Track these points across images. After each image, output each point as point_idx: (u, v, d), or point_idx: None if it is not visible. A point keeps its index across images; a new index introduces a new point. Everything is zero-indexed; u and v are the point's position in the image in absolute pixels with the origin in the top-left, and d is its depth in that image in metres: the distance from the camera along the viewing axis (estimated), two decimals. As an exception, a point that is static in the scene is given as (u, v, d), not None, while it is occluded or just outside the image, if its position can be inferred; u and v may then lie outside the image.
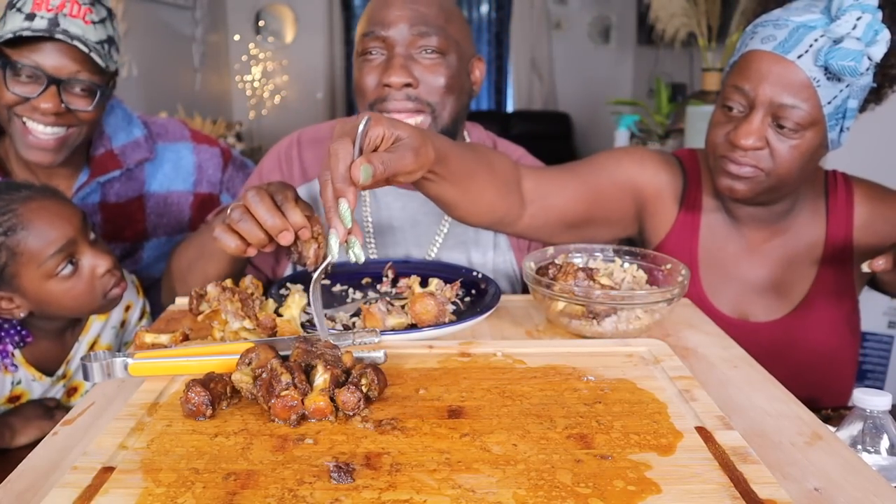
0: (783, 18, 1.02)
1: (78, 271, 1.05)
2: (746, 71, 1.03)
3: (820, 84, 0.98)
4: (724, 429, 0.63)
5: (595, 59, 6.00)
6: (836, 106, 1.00)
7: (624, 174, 1.18)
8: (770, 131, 1.01)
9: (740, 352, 0.87)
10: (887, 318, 2.23)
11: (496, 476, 0.56)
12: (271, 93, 5.80)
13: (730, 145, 1.04)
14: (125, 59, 3.72)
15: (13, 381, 1.12)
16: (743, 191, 1.06)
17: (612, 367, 0.77)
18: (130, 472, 0.57)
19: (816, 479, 0.60)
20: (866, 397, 0.76)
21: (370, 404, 0.68)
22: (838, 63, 0.95)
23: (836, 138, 1.05)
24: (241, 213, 0.88)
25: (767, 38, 1.02)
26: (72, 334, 1.17)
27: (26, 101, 1.17)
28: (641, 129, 3.73)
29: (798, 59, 0.98)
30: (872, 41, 0.95)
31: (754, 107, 1.01)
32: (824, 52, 0.97)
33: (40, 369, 1.13)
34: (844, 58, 0.95)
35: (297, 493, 0.54)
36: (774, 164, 1.03)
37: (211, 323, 0.85)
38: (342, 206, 0.72)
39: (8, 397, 1.12)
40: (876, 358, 2.25)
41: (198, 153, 1.46)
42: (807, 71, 0.98)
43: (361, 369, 0.68)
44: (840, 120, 1.03)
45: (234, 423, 0.64)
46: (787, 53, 0.99)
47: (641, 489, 0.54)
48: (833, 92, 0.99)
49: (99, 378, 0.73)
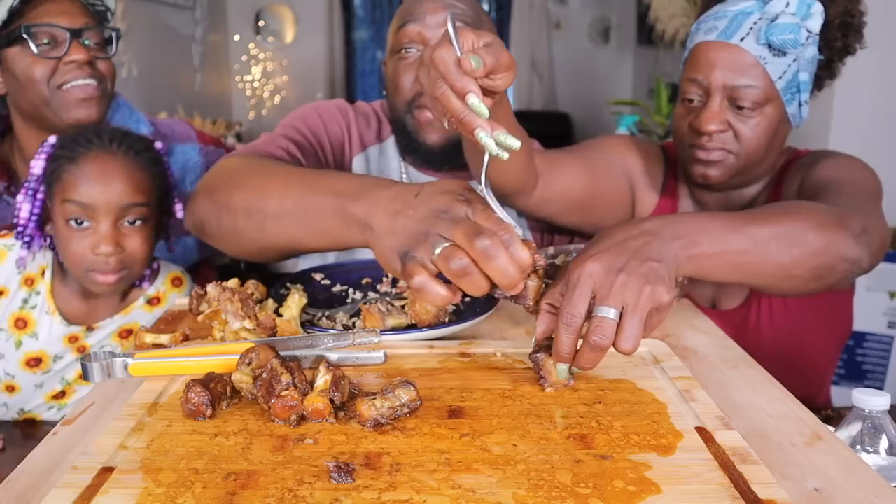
0: (721, 10, 1.10)
1: (82, 234, 1.06)
2: (697, 63, 1.09)
3: (767, 61, 1.05)
4: (724, 429, 0.63)
5: (595, 59, 5.99)
6: (788, 80, 1.07)
7: (615, 157, 1.23)
8: (730, 114, 1.08)
9: (740, 352, 0.87)
10: (887, 318, 2.23)
11: (496, 476, 0.56)
12: (271, 93, 5.80)
13: (695, 133, 1.10)
14: (125, 58, 3.71)
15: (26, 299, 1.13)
16: (716, 175, 1.11)
17: (612, 367, 0.77)
18: (130, 472, 0.57)
19: (816, 479, 0.60)
20: (865, 397, 0.76)
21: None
22: (779, 38, 1.03)
23: (796, 112, 1.11)
24: (461, 261, 0.64)
25: (710, 30, 1.09)
26: (105, 307, 1.16)
27: (58, 64, 1.20)
28: (641, 129, 3.73)
29: (741, 42, 1.05)
30: (807, 15, 1.03)
31: (710, 94, 1.08)
32: (764, 30, 1.04)
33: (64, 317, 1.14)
34: (783, 32, 1.02)
35: (297, 493, 0.54)
36: (741, 145, 1.08)
37: (211, 323, 0.86)
38: (472, 100, 0.65)
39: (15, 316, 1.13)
40: (876, 358, 2.25)
41: (205, 154, 1.46)
42: (752, 51, 1.05)
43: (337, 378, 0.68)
44: (795, 94, 1.09)
45: (234, 423, 0.64)
46: (731, 38, 1.06)
47: (641, 489, 0.54)
48: (781, 67, 1.06)
49: (99, 378, 0.73)
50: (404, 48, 1.13)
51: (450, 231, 0.66)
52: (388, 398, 0.64)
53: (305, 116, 1.22)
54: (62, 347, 1.14)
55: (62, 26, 1.19)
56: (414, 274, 0.66)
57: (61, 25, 1.19)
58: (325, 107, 1.25)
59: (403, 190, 0.74)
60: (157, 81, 4.20)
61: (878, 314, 2.23)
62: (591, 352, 0.69)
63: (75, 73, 1.21)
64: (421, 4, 1.13)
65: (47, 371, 1.14)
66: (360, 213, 0.76)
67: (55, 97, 1.21)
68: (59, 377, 1.16)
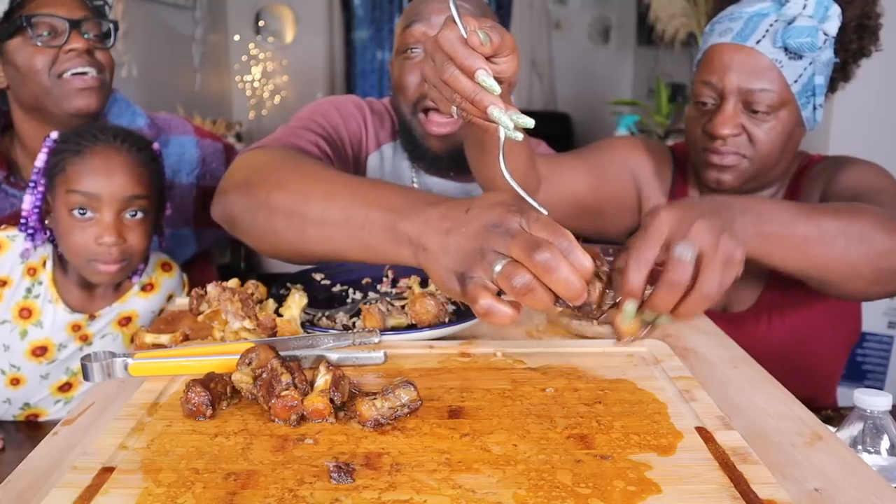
0: (737, 12, 1.07)
1: (85, 225, 1.08)
2: (711, 65, 1.07)
3: (783, 64, 1.03)
4: (724, 429, 0.63)
5: (595, 59, 5.99)
6: (804, 84, 1.04)
7: (622, 159, 1.21)
8: (744, 117, 1.06)
9: (740, 352, 0.87)
10: (887, 318, 2.23)
11: (496, 476, 0.56)
12: (271, 93, 5.79)
13: (709, 137, 1.08)
14: (125, 58, 3.71)
15: (30, 288, 1.15)
16: (730, 180, 1.09)
17: (612, 367, 0.77)
18: (130, 472, 0.57)
19: (816, 479, 0.60)
20: (866, 397, 0.76)
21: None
22: (795, 41, 1.00)
23: (810, 116, 1.08)
24: (523, 279, 0.61)
25: (725, 32, 1.07)
26: (102, 297, 1.18)
27: (58, 53, 1.23)
28: (641, 129, 3.73)
29: (757, 45, 1.03)
30: (825, 17, 1.01)
31: (725, 97, 1.06)
32: (780, 33, 1.02)
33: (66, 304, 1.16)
34: (800, 35, 1.00)
35: (297, 493, 0.54)
36: (755, 149, 1.06)
37: (211, 323, 0.86)
38: (482, 76, 0.64)
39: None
40: (876, 358, 2.25)
41: (202, 147, 1.48)
42: (767, 54, 1.03)
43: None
44: (810, 97, 1.06)
45: (234, 423, 0.64)
46: (746, 41, 1.04)
47: (641, 489, 0.54)
48: (797, 70, 1.03)
49: (99, 378, 0.73)
50: (410, 48, 1.13)
51: (506, 246, 0.63)
52: (388, 398, 0.64)
53: (325, 112, 1.20)
54: (66, 336, 1.15)
55: (62, 17, 1.23)
56: (478, 298, 0.63)
57: (61, 16, 1.23)
58: (341, 102, 1.24)
59: (454, 206, 0.71)
60: (157, 81, 4.19)
61: (878, 314, 2.23)
62: (668, 291, 0.65)
63: (75, 60, 1.24)
64: (427, 5, 1.13)
65: (52, 360, 1.16)
66: (413, 233, 0.72)
67: (56, 86, 1.24)
68: (65, 367, 1.17)
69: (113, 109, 1.40)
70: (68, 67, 1.24)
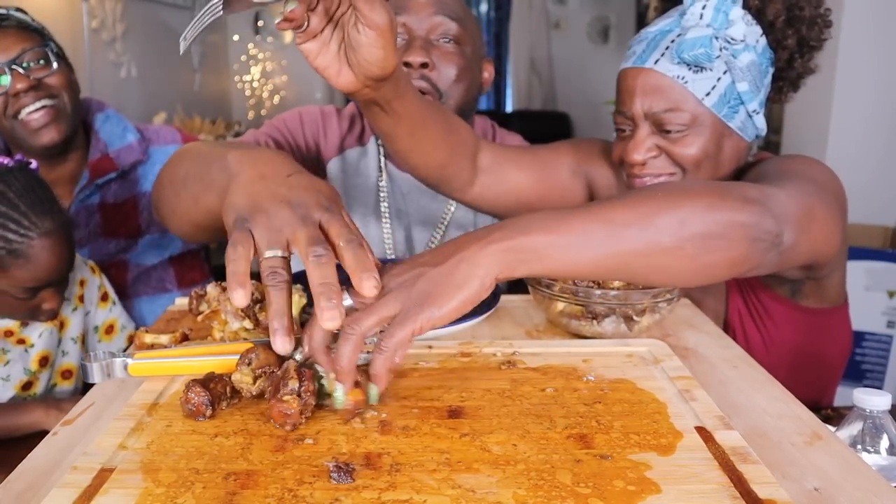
0: (644, 33, 1.04)
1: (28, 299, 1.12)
2: (619, 93, 1.05)
3: (686, 80, 0.98)
4: (724, 429, 0.63)
5: (594, 59, 5.99)
6: (721, 94, 0.99)
7: (575, 161, 1.17)
8: (658, 138, 1.01)
9: (740, 352, 0.87)
10: (886, 318, 2.23)
11: (496, 476, 0.56)
12: (270, 93, 5.79)
13: (627, 164, 1.05)
14: (125, 58, 3.72)
15: None
16: None
17: (612, 367, 0.77)
18: (130, 472, 0.57)
19: (816, 479, 0.60)
20: (867, 397, 0.76)
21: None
22: (689, 54, 0.95)
23: (744, 125, 1.02)
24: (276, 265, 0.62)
25: (630, 56, 1.04)
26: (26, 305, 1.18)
27: (7, 98, 1.27)
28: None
29: (655, 65, 0.99)
30: (726, 23, 0.96)
31: (636, 123, 1.02)
32: (675, 48, 0.97)
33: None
34: (693, 47, 0.95)
35: (297, 493, 0.54)
36: (680, 165, 1.02)
37: (211, 323, 0.85)
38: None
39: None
40: (875, 358, 2.25)
41: None
42: (667, 73, 0.98)
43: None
44: (737, 105, 1.00)
45: (234, 424, 0.64)
46: (646, 63, 1.01)
47: (641, 489, 0.54)
48: (708, 83, 0.98)
49: (99, 378, 0.73)
50: None
51: (292, 227, 0.63)
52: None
53: (289, 118, 1.27)
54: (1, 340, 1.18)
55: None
56: (234, 244, 0.63)
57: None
58: (308, 111, 1.29)
59: (285, 162, 0.73)
60: (157, 81, 4.20)
61: (878, 314, 2.23)
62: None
63: (24, 100, 1.27)
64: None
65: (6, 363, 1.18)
66: (234, 161, 0.74)
67: (17, 127, 1.29)
68: (22, 367, 1.19)
69: (105, 126, 1.46)
70: (20, 108, 1.27)
